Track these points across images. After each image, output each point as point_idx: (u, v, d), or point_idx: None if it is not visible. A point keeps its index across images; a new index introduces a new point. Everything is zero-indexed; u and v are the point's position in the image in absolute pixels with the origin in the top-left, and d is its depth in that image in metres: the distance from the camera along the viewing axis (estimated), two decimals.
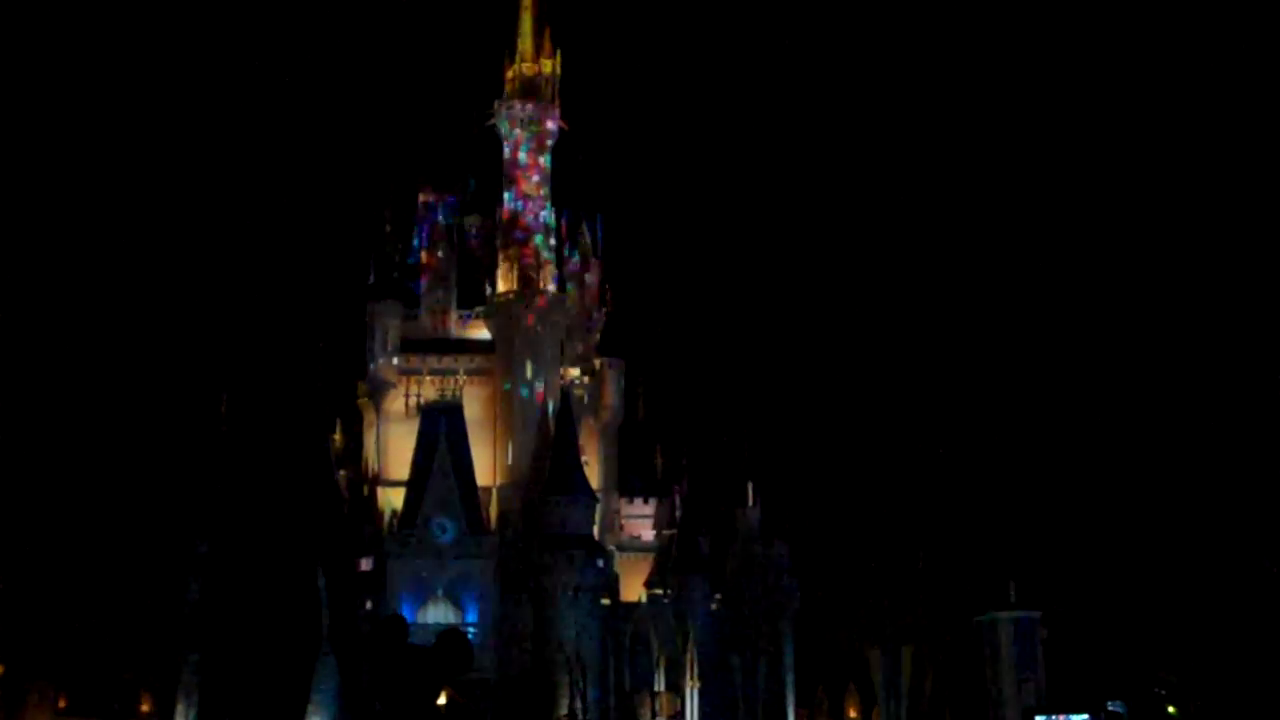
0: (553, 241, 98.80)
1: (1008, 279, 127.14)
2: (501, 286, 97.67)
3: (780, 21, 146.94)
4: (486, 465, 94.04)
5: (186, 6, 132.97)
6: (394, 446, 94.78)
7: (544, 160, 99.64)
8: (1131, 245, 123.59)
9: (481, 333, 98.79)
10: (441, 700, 79.60)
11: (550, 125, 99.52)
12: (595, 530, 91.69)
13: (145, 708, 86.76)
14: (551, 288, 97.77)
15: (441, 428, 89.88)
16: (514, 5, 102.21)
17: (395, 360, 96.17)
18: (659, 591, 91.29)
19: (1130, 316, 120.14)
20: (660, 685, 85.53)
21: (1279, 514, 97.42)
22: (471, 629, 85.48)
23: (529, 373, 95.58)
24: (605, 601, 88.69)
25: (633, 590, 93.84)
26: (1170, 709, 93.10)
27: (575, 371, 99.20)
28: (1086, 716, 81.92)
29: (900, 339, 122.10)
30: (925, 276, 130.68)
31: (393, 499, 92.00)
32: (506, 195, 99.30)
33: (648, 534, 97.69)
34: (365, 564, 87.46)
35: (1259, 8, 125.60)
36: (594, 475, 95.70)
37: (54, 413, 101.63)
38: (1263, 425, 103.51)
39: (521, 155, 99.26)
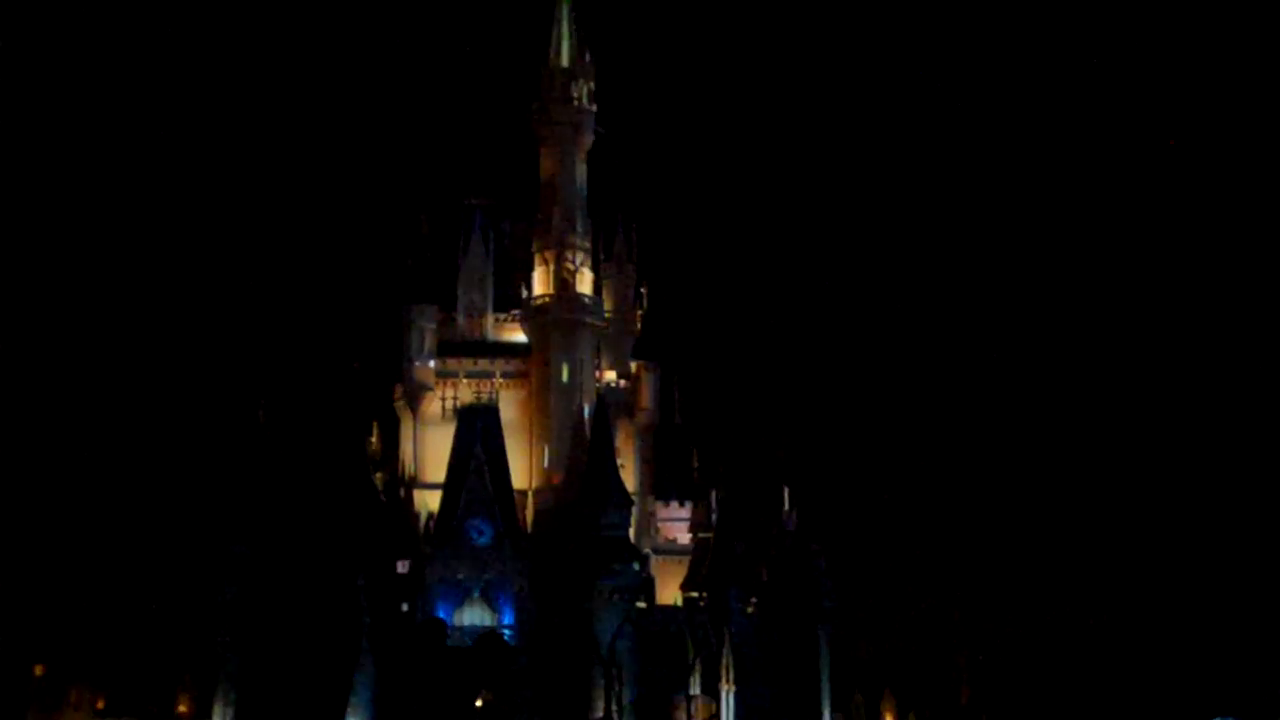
0: (589, 245, 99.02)
1: (1041, 289, 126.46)
2: (538, 290, 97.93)
3: (818, 24, 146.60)
4: (522, 468, 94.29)
5: (229, 16, 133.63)
6: (430, 449, 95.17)
7: (580, 164, 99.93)
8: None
9: (518, 336, 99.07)
10: (479, 703, 79.90)
11: (586, 130, 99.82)
12: (631, 533, 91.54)
13: (183, 709, 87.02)
14: (588, 291, 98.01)
15: (478, 430, 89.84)
16: (550, 12, 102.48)
17: (432, 363, 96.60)
18: (695, 595, 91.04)
19: (1131, 322, 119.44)
20: (696, 689, 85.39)
21: None
22: (508, 631, 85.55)
23: (565, 376, 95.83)
24: (641, 604, 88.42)
25: (668, 593, 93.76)
26: None
27: (611, 374, 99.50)
28: None
29: (935, 343, 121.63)
30: (960, 279, 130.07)
31: (429, 501, 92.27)
32: (543, 199, 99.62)
33: (683, 537, 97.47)
34: (402, 566, 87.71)
35: (1259, 7, 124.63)
36: (630, 478, 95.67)
37: (93, 417, 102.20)
38: None
39: (558, 159, 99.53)
